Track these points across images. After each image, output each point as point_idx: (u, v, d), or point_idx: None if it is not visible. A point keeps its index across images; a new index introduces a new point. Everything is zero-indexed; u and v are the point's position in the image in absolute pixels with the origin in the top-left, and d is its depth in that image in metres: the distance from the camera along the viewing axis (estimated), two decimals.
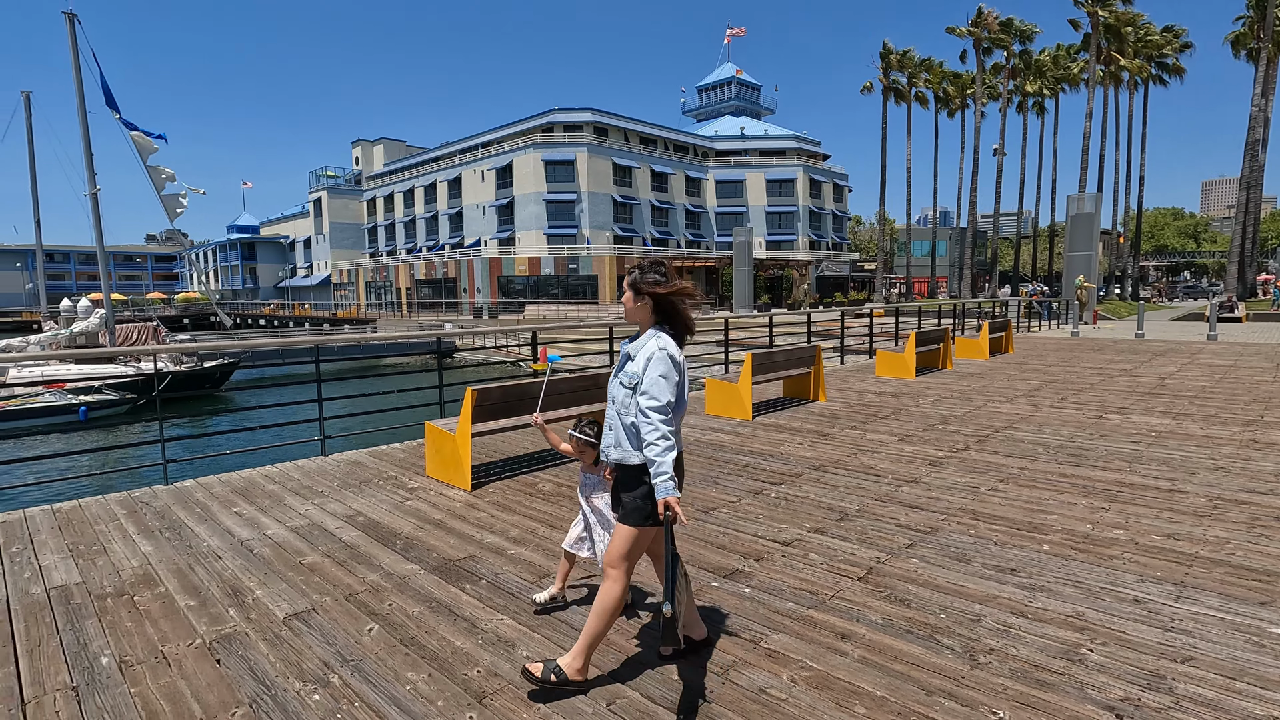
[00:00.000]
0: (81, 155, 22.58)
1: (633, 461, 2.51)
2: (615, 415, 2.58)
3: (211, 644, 2.92)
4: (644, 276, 2.57)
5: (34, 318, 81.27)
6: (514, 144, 52.53)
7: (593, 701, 2.47)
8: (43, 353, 22.64)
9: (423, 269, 56.48)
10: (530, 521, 4.43)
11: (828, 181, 62.52)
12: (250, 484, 5.40)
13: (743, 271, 41.04)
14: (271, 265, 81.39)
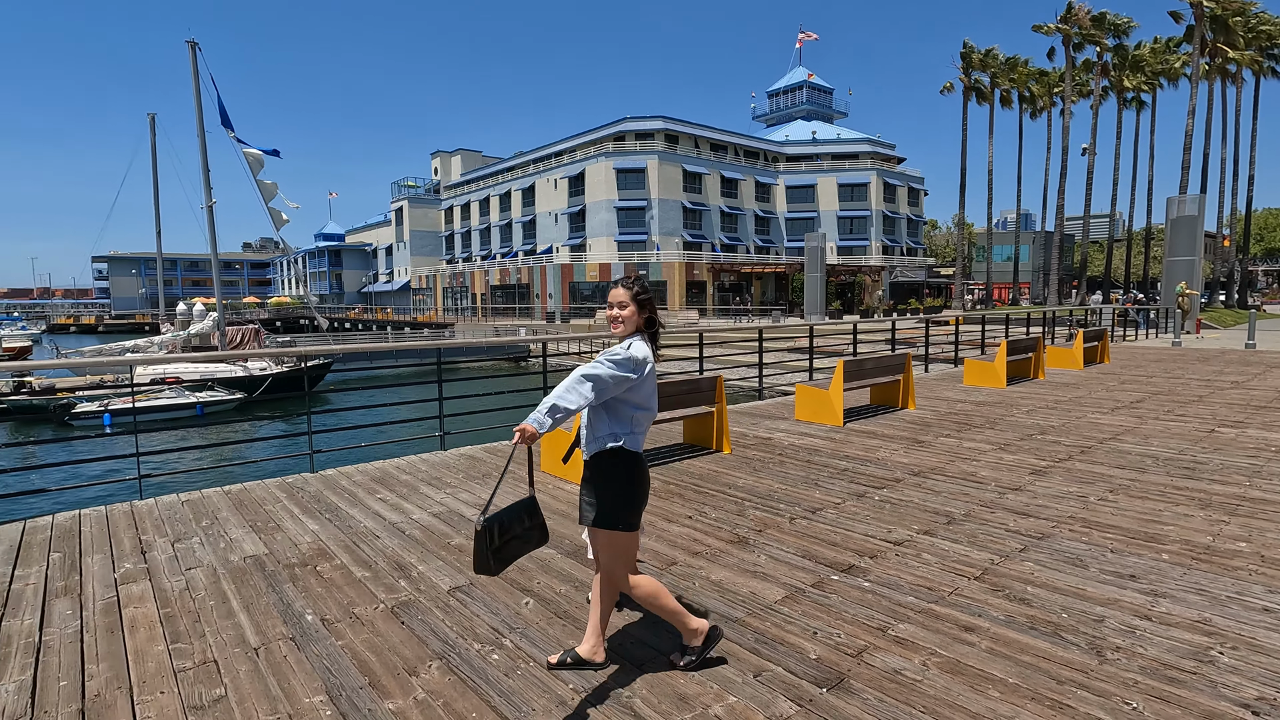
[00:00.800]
0: (198, 170, 24.55)
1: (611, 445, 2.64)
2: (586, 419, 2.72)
3: (393, 608, 3.35)
4: (644, 291, 2.76)
5: (145, 319, 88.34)
6: (586, 152, 53.62)
7: (741, 673, 2.74)
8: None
9: (497, 275, 58.27)
10: (647, 515, 4.73)
11: (902, 185, 61.00)
12: (385, 474, 5.93)
13: (814, 277, 40.57)
14: (355, 271, 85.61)
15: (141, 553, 4.15)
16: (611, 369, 2.55)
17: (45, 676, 2.78)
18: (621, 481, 2.64)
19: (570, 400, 2.49)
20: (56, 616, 3.31)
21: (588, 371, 2.54)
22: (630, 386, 2.62)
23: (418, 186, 77.45)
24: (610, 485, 2.64)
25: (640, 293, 2.75)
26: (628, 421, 2.67)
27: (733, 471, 5.87)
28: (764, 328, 10.38)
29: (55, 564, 4.00)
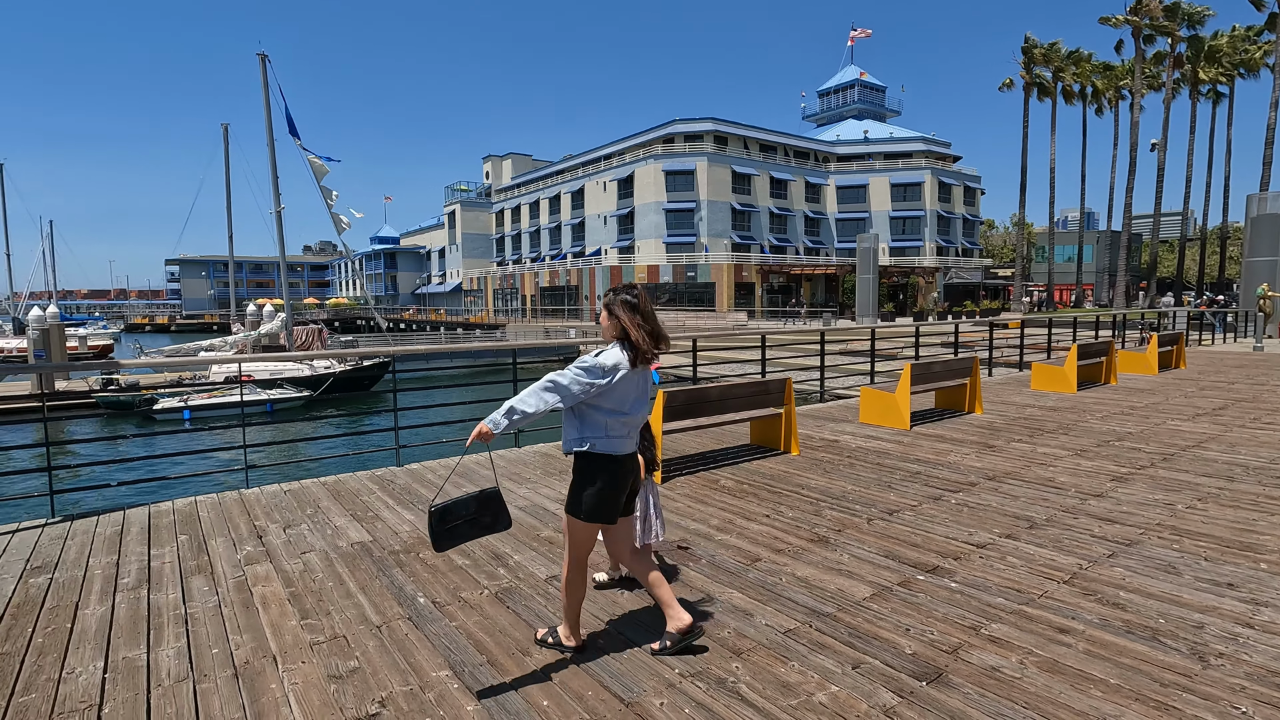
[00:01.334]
0: (263, 176, 25.72)
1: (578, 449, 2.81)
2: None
3: (497, 594, 3.56)
4: (615, 299, 2.84)
5: (213, 319, 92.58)
6: (635, 155, 53.96)
7: (840, 664, 2.84)
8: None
9: (546, 277, 59.12)
10: (725, 513, 4.86)
11: (958, 184, 59.48)
12: (466, 469, 6.20)
13: (866, 279, 39.91)
14: (409, 273, 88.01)
15: (258, 537, 4.48)
16: (575, 375, 2.71)
17: (198, 644, 3.07)
18: (587, 480, 2.80)
19: (529, 404, 2.68)
20: (196, 592, 3.63)
21: (552, 377, 2.71)
22: (600, 392, 2.73)
23: (470, 190, 79.17)
24: (579, 481, 2.83)
25: (611, 303, 2.84)
26: (600, 426, 2.78)
27: (804, 472, 5.94)
28: (825, 330, 10.36)
29: (184, 545, 4.35)
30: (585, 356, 2.78)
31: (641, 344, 2.78)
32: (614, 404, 2.78)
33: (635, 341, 2.77)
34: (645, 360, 2.81)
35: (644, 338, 2.78)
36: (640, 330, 2.78)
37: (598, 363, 2.74)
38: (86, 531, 4.62)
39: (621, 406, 2.80)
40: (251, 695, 2.66)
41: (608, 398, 2.76)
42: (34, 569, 3.98)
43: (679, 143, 53.17)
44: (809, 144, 59.62)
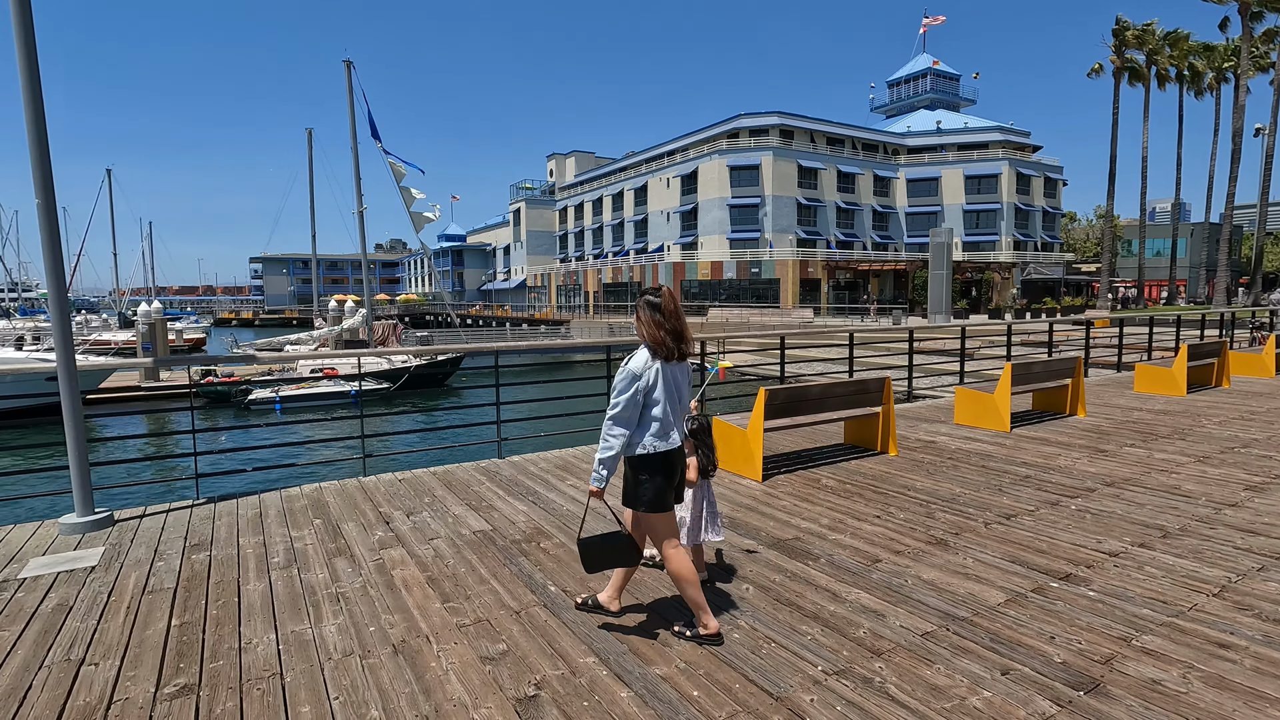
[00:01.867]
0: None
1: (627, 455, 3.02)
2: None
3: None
4: (641, 300, 3.04)
5: (293, 315, 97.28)
6: (699, 150, 53.72)
7: (987, 670, 2.80)
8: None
9: (609, 273, 59.59)
10: (833, 513, 4.82)
11: (1038, 175, 56.77)
12: (566, 462, 6.35)
13: (939, 275, 38.58)
14: (475, 270, 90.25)
15: (385, 523, 4.72)
16: (620, 398, 2.93)
17: (355, 622, 3.27)
18: (641, 478, 3.01)
19: (609, 448, 2.94)
20: (341, 573, 3.86)
21: (610, 414, 2.94)
22: (645, 392, 2.94)
23: (534, 188, 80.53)
24: (635, 479, 3.04)
25: (638, 304, 3.07)
26: (645, 426, 2.97)
27: (905, 474, 5.83)
28: (914, 329, 10.11)
29: (320, 529, 4.63)
30: (619, 370, 3.01)
31: (657, 340, 2.96)
32: (655, 401, 2.96)
33: (652, 339, 2.97)
34: (669, 356, 2.99)
35: (662, 335, 2.96)
36: (659, 329, 2.97)
37: (629, 370, 2.95)
38: (230, 513, 4.97)
39: (662, 402, 2.97)
40: (416, 672, 2.83)
41: (650, 397, 2.96)
42: (193, 546, 4.31)
43: (744, 137, 52.64)
44: (878, 136, 58.04)
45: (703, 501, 3.58)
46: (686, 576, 3.02)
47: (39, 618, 3.36)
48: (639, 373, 2.93)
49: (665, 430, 2.99)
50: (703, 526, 3.59)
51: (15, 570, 3.96)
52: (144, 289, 76.29)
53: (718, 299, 49.44)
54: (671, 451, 3.01)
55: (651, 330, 2.98)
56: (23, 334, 30.92)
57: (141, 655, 2.99)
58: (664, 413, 2.97)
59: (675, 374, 3.03)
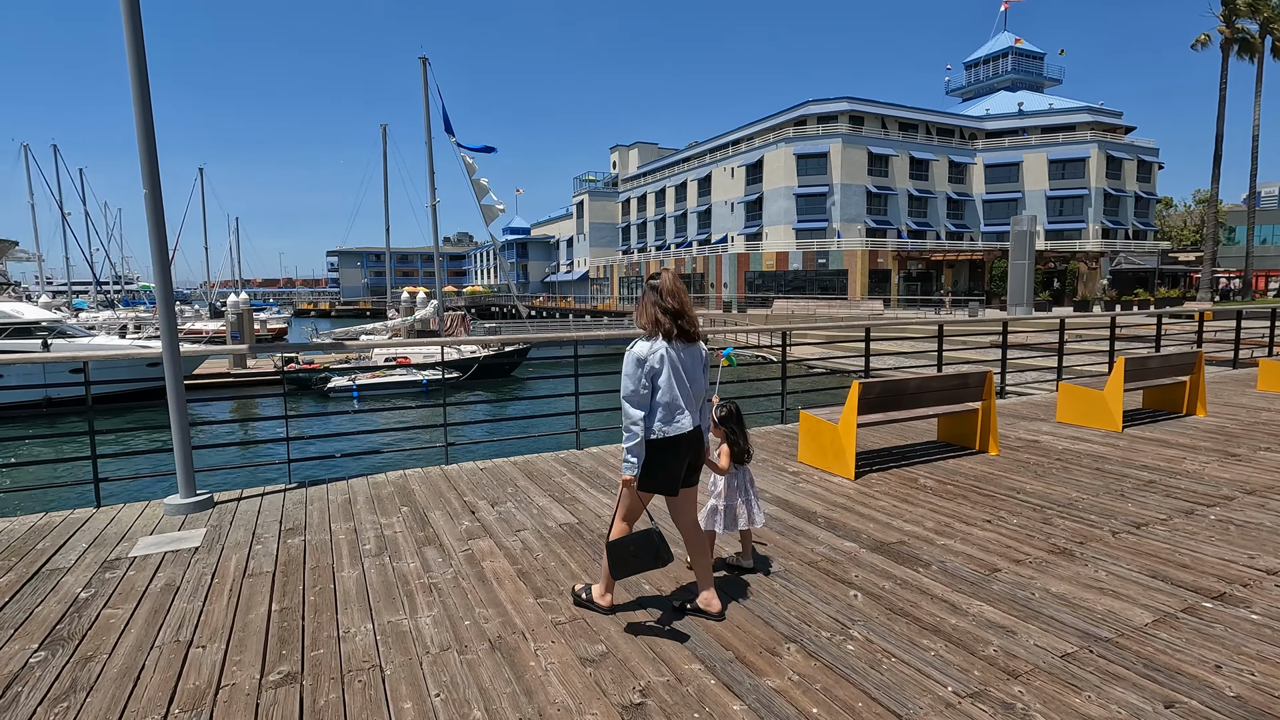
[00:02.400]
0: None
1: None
2: None
3: (723, 587, 3.46)
4: (645, 285, 3.11)
5: (366, 306, 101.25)
6: (765, 139, 52.68)
7: (1148, 700, 2.49)
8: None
9: (672, 264, 59.26)
10: (938, 515, 4.50)
11: (1130, 158, 53.17)
12: None
13: (1021, 265, 36.59)
14: (539, 262, 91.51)
15: (471, 512, 4.69)
16: (627, 384, 2.98)
17: (450, 614, 3.20)
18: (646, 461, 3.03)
19: (632, 435, 2.97)
20: (432, 563, 3.82)
21: (622, 398, 2.99)
22: (651, 377, 2.98)
23: (597, 180, 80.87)
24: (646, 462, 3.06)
25: (641, 295, 3.16)
26: (654, 411, 3.00)
27: (1011, 475, 5.42)
28: (1009, 319, 9.49)
29: (407, 516, 4.63)
30: (625, 357, 3.05)
31: (657, 321, 3.01)
32: (663, 384, 2.98)
33: (651, 319, 3.03)
34: (670, 335, 3.01)
35: (660, 315, 3.01)
36: (655, 308, 3.03)
37: (633, 355, 3.00)
38: (321, 498, 5.04)
39: (670, 386, 2.99)
40: (515, 671, 2.72)
41: (655, 381, 2.97)
42: (288, 530, 4.37)
43: (811, 124, 51.28)
44: (954, 120, 55.54)
45: (740, 489, 3.54)
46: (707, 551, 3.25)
47: (149, 597, 3.43)
48: (643, 357, 2.96)
49: (670, 415, 3.00)
50: (743, 515, 3.53)
51: (126, 549, 4.10)
52: (231, 281, 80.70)
53: (782, 290, 48.50)
54: (680, 437, 3.01)
55: (652, 312, 3.03)
56: (126, 323, 33.13)
57: (245, 639, 3.00)
58: (670, 397, 2.98)
59: (683, 357, 3.04)
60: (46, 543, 4.22)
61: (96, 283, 57.05)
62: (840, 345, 30.91)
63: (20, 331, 20.73)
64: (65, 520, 4.63)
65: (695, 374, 3.10)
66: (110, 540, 4.24)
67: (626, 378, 2.98)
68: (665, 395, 2.98)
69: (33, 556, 4.00)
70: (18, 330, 20.70)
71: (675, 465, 3.05)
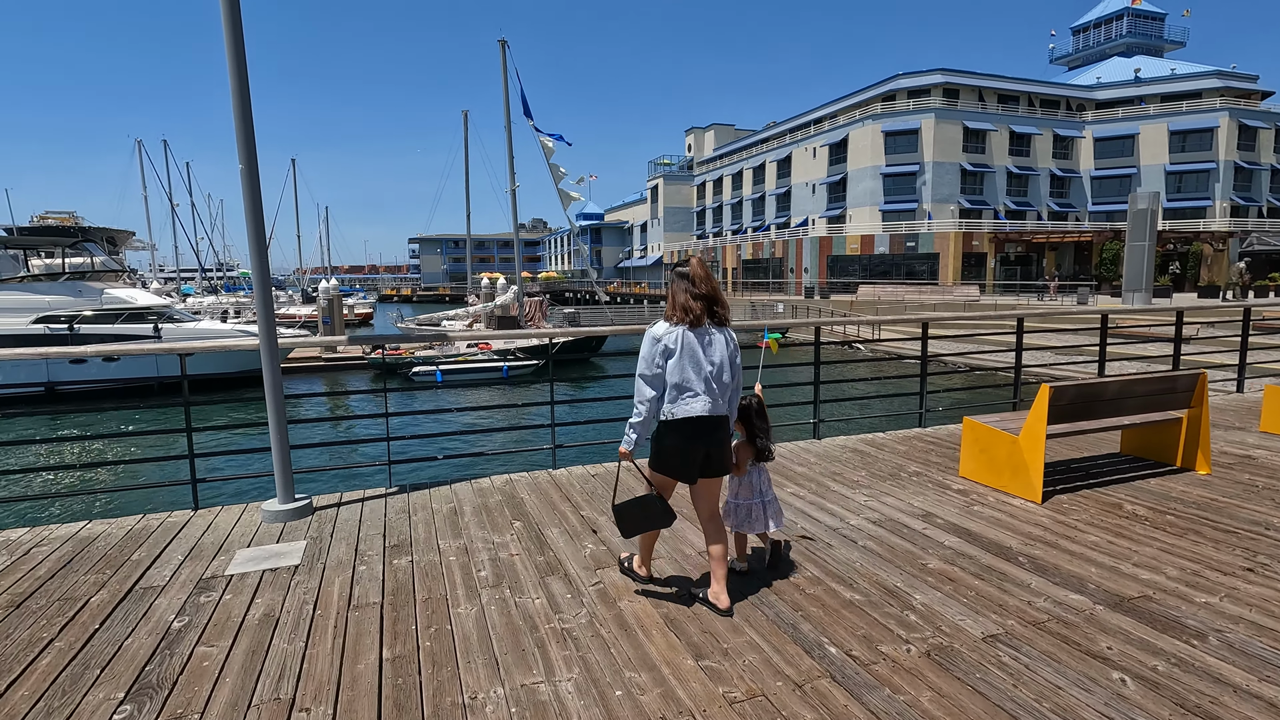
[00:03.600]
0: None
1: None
2: None
3: (930, 653, 2.71)
4: (672, 273, 3.11)
5: (445, 292, 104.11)
6: (850, 116, 50.25)
7: None
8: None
9: (749, 249, 57.78)
10: (1175, 558, 3.58)
11: (1267, 127, 47.74)
12: (783, 466, 5.47)
13: (1140, 247, 33.56)
14: (613, 248, 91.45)
15: (592, 531, 4.09)
16: (644, 361, 3.01)
17: (595, 678, 2.58)
18: (658, 439, 3.07)
19: (639, 410, 3.02)
20: (560, 599, 3.23)
21: (638, 373, 3.00)
22: (665, 356, 2.97)
23: (672, 164, 79.76)
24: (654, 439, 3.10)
25: (670, 283, 3.11)
26: (671, 392, 2.99)
27: (1242, 503, 4.39)
28: (1183, 309, 8.15)
29: (521, 534, 4.07)
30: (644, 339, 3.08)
31: (686, 307, 2.99)
32: (673, 365, 2.96)
33: (682, 306, 3.00)
34: (697, 321, 2.98)
35: (691, 301, 3.00)
36: (686, 295, 3.01)
37: (650, 334, 3.04)
38: (425, 507, 4.56)
39: (681, 368, 2.96)
40: None
41: (669, 362, 2.96)
42: (393, 547, 3.89)
43: (901, 100, 48.48)
44: (1060, 90, 51.37)
45: (757, 488, 3.38)
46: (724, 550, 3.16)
47: (246, 631, 2.98)
48: (659, 336, 2.99)
49: (678, 395, 2.98)
50: (757, 516, 3.37)
51: (223, 564, 3.70)
52: (321, 268, 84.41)
53: (868, 275, 46.34)
54: (689, 420, 2.99)
55: (683, 299, 3.01)
56: (227, 308, 34.84)
57: (355, 701, 2.47)
58: (680, 378, 2.96)
59: (702, 340, 3.00)
60: (142, 552, 3.88)
61: (201, 270, 60.67)
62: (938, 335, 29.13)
63: (134, 316, 21.88)
64: (163, 525, 4.32)
65: (718, 359, 3.03)
66: (207, 552, 3.87)
67: (641, 357, 3.02)
68: (675, 375, 2.96)
69: (127, 570, 3.66)
70: (132, 315, 21.84)
71: (686, 451, 3.02)
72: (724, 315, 3.07)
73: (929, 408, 6.66)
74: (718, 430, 3.04)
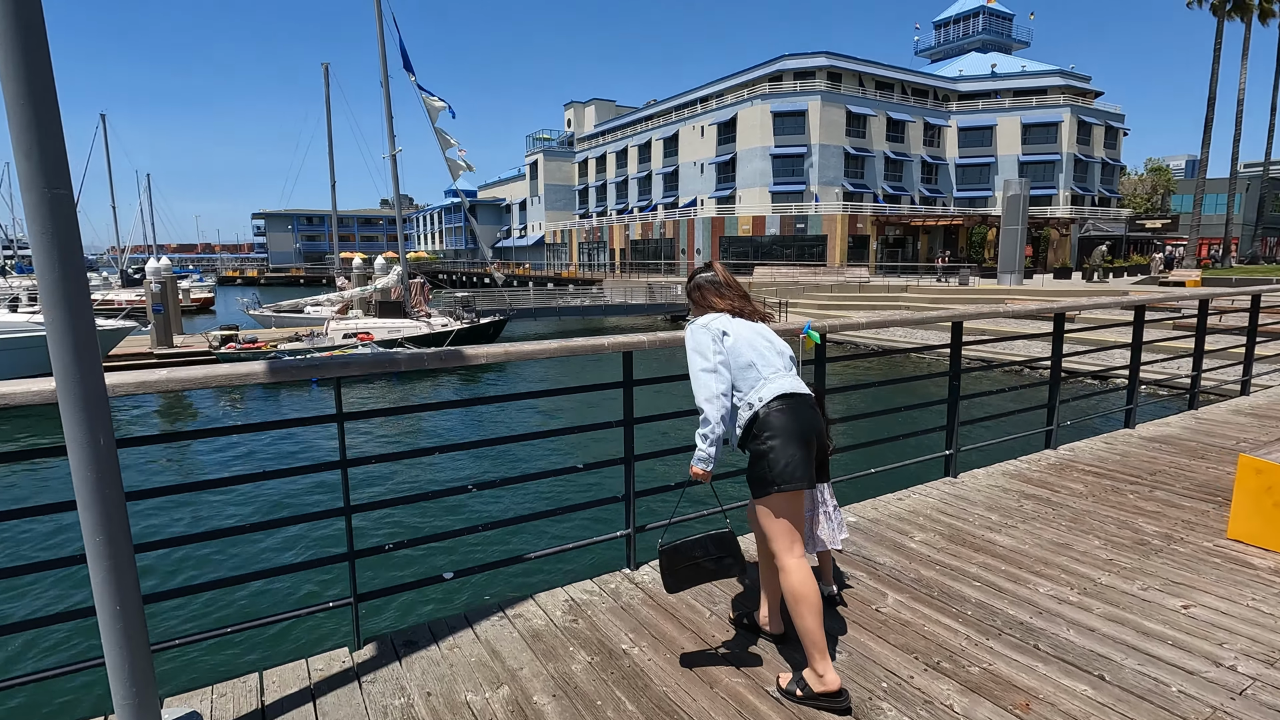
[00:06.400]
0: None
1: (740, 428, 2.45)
2: None
3: None
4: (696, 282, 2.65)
5: (299, 273, 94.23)
6: (738, 96, 49.85)
7: None
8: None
9: (638, 229, 56.31)
10: None
11: (1099, 124, 52.91)
12: (905, 516, 3.67)
13: (1013, 231, 35.47)
14: (489, 227, 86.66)
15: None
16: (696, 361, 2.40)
17: None
18: (760, 445, 2.33)
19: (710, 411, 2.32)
20: None
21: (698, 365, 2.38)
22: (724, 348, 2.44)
23: (551, 139, 76.43)
24: (755, 456, 2.35)
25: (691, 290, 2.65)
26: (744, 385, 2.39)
27: None
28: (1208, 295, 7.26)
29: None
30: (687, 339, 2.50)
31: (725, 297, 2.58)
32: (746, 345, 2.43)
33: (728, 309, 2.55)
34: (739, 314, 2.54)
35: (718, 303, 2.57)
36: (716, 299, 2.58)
37: (694, 325, 2.51)
38: (438, 691, 2.30)
39: (756, 345, 2.45)
40: None
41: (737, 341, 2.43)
42: None
43: (788, 81, 48.66)
44: (929, 80, 53.95)
45: (820, 500, 2.76)
46: (807, 598, 2.25)
47: None
48: (705, 322, 2.48)
49: (760, 377, 2.37)
50: (824, 531, 2.75)
51: None
52: (144, 246, 73.17)
53: (759, 256, 46.37)
54: (785, 395, 2.34)
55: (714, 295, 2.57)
56: (18, 294, 28.11)
57: None
58: (756, 357, 2.40)
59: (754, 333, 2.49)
60: None
61: None
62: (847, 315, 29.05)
63: None
64: None
65: (772, 340, 2.53)
66: None
67: (694, 350, 2.41)
68: (744, 354, 2.40)
69: None
70: None
71: (805, 439, 2.32)
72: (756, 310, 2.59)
73: (1061, 423, 5.14)
74: (815, 414, 2.43)
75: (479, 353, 2.75)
